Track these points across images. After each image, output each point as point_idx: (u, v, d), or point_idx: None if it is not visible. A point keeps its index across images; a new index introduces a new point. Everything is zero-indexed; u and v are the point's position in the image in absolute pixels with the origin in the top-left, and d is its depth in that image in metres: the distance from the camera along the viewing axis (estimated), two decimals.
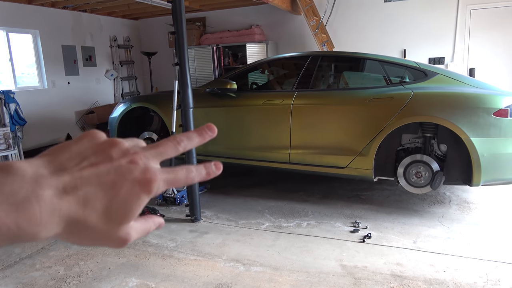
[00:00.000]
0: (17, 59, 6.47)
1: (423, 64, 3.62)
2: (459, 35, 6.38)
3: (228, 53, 7.71)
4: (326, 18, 6.98)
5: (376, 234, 2.99)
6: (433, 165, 3.22)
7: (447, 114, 3.08)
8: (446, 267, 2.47)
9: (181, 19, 3.13)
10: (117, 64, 8.43)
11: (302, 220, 3.33)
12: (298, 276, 2.43)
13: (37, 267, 2.65)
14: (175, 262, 2.66)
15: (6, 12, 6.12)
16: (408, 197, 3.77)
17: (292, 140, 3.66)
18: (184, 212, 3.51)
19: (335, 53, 4.71)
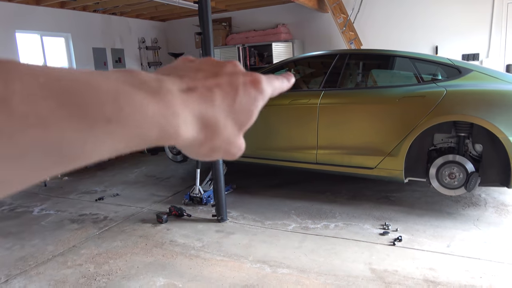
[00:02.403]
0: (50, 62, 6.70)
1: (456, 60, 3.48)
2: (495, 30, 6.11)
3: (254, 52, 7.71)
4: (354, 15, 6.85)
5: (407, 237, 2.89)
6: (468, 166, 3.08)
7: (482, 113, 2.94)
8: (483, 273, 2.35)
9: (207, 20, 3.14)
10: (145, 65, 8.59)
11: (330, 221, 3.27)
12: (326, 279, 2.38)
13: (69, 265, 2.72)
14: (202, 262, 2.67)
15: (40, 17, 6.35)
16: (441, 199, 3.63)
17: (319, 140, 3.60)
18: (211, 212, 3.52)
19: (363, 51, 4.61)
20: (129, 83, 0.24)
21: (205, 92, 0.28)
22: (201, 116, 0.27)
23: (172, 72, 0.30)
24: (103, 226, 3.40)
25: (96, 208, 3.87)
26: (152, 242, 3.02)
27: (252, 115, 0.31)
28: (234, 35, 7.82)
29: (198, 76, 0.29)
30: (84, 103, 0.21)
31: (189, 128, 0.27)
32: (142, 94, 0.24)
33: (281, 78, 0.36)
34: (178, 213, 3.46)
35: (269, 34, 7.45)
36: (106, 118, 0.22)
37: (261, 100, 0.32)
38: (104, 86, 0.23)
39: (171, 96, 0.25)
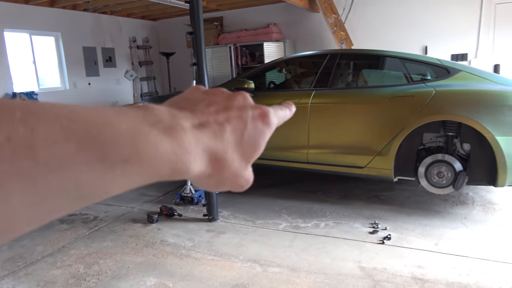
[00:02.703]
0: (40, 61, 6.63)
1: (445, 61, 3.52)
2: (483, 31, 6.19)
3: (245, 52, 7.71)
4: (345, 15, 6.89)
5: (396, 235, 2.92)
6: (456, 165, 3.12)
7: (470, 112, 2.99)
8: (470, 271, 2.39)
9: (198, 19, 3.14)
10: (136, 65, 8.55)
11: (320, 220, 3.29)
12: (316, 277, 2.40)
13: (58, 265, 2.70)
14: (193, 261, 2.67)
15: (29, 15, 6.28)
16: (430, 197, 3.68)
17: (310, 140, 3.62)
18: (202, 211, 3.52)
19: (354, 51, 4.64)
20: (146, 122, 0.25)
21: (216, 127, 0.29)
22: (210, 151, 0.28)
23: (185, 104, 0.30)
24: (93, 226, 3.38)
25: (86, 208, 3.85)
26: (142, 242, 3.01)
27: (259, 147, 0.32)
28: (226, 34, 7.82)
29: (210, 110, 0.30)
30: (103, 145, 0.22)
31: (198, 164, 0.27)
32: (157, 132, 0.25)
33: (284, 108, 0.38)
34: (169, 213, 3.46)
35: (261, 33, 7.46)
36: (124, 159, 0.23)
37: (268, 132, 0.33)
38: (123, 126, 0.23)
39: (184, 133, 0.26)
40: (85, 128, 0.22)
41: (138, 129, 0.24)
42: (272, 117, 0.33)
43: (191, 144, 0.27)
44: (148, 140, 0.24)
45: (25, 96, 5.86)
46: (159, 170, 0.25)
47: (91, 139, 0.22)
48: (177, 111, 0.28)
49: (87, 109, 0.23)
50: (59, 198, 0.21)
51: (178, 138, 0.26)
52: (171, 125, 0.26)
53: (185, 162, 0.26)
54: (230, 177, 0.30)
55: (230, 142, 0.30)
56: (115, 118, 0.23)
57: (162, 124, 0.25)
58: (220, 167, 0.29)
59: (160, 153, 0.24)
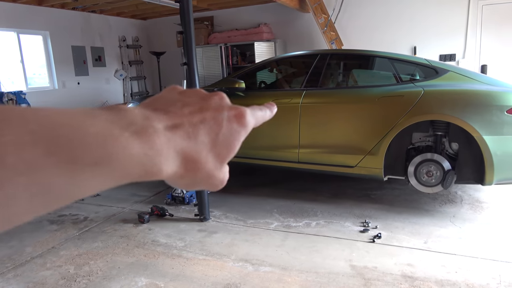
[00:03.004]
0: (28, 60, 6.54)
1: (433, 61, 3.57)
2: (470, 32, 6.28)
3: (236, 52, 7.71)
4: (335, 15, 6.93)
5: (386, 234, 2.95)
6: (445, 164, 3.17)
7: (458, 112, 3.03)
8: (458, 268, 2.43)
9: (189, 19, 3.13)
10: (126, 64, 8.48)
11: (311, 219, 3.30)
12: (307, 276, 2.41)
13: (48, 266, 2.67)
14: (184, 261, 2.66)
15: (17, 13, 6.20)
16: (419, 196, 3.72)
17: (301, 139, 3.63)
18: (193, 211, 3.51)
19: (344, 51, 4.67)
20: (117, 124, 0.25)
21: (190, 128, 0.29)
22: (183, 152, 0.29)
23: (160, 105, 0.31)
24: (83, 226, 3.35)
25: (76, 209, 3.81)
26: (133, 242, 2.99)
27: (234, 148, 0.32)
28: (216, 34, 7.81)
29: (184, 111, 0.30)
30: (72, 148, 0.22)
31: (171, 165, 0.28)
32: (128, 135, 0.25)
33: (264, 109, 0.38)
34: (160, 213, 3.44)
35: (251, 33, 7.47)
36: (93, 162, 0.23)
37: (243, 133, 0.33)
38: (92, 130, 0.23)
39: (156, 135, 0.27)
40: (53, 131, 0.22)
41: (109, 131, 0.24)
42: (248, 118, 0.33)
43: (163, 146, 0.27)
44: (118, 142, 0.24)
45: (13, 96, 5.78)
46: (129, 172, 0.25)
47: (60, 143, 0.22)
48: (151, 113, 0.28)
49: (57, 112, 0.23)
50: (27, 201, 0.21)
51: (149, 140, 0.26)
52: (143, 127, 0.26)
53: (156, 164, 0.26)
54: (204, 178, 0.31)
55: (204, 143, 0.30)
56: (85, 121, 0.24)
57: (133, 126, 0.26)
58: (193, 168, 0.30)
59: (131, 156, 0.25)
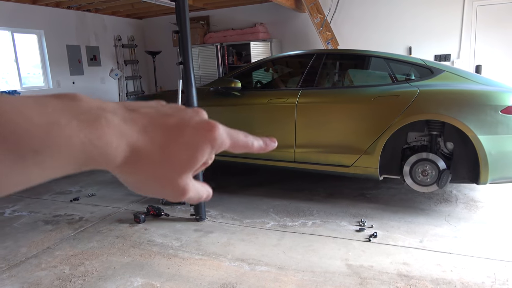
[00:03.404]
0: (22, 60, 6.50)
1: (429, 61, 3.59)
2: (465, 32, 6.32)
3: (232, 51, 7.70)
4: (331, 15, 6.95)
5: (382, 233, 2.96)
6: (440, 164, 3.18)
7: (453, 112, 3.05)
8: (453, 267, 2.44)
9: (184, 18, 3.12)
10: (121, 64, 8.45)
11: (307, 219, 3.31)
12: (304, 275, 2.42)
13: (43, 267, 2.66)
14: (180, 261, 2.66)
15: (11, 12, 6.15)
16: (414, 195, 3.74)
17: (297, 139, 3.64)
18: (189, 211, 3.50)
19: (339, 51, 4.68)
20: (66, 113, 0.25)
21: (149, 127, 0.29)
22: (136, 146, 0.28)
23: (135, 105, 0.30)
24: (78, 227, 3.33)
25: (71, 209, 3.79)
26: (129, 242, 2.98)
27: (193, 158, 0.31)
28: (212, 33, 7.80)
29: (151, 113, 0.30)
30: (13, 136, 0.22)
31: (119, 157, 0.27)
32: (76, 123, 0.25)
33: (249, 137, 0.36)
34: (156, 213, 3.43)
35: (247, 33, 7.46)
36: (33, 150, 0.23)
37: (207, 148, 0.31)
38: (36, 118, 0.23)
39: (107, 125, 0.26)
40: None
41: (54, 120, 0.24)
42: (217, 135, 0.31)
43: (114, 137, 0.27)
44: (63, 131, 0.24)
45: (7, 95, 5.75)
46: (74, 161, 0.25)
47: (1, 131, 0.22)
48: (109, 105, 0.28)
49: (4, 100, 0.23)
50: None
51: (99, 129, 0.26)
52: (95, 117, 0.26)
53: (103, 154, 0.26)
54: (155, 180, 0.30)
55: (159, 144, 0.29)
56: (32, 108, 0.24)
57: (85, 115, 0.26)
58: (143, 165, 0.29)
59: (75, 145, 0.25)
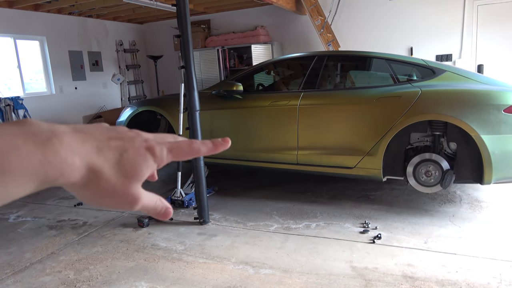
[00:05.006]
0: (25, 66, 6.53)
1: (430, 61, 3.58)
2: (466, 32, 6.31)
3: (233, 55, 7.72)
4: (331, 17, 6.95)
5: (386, 234, 2.95)
6: (443, 164, 3.17)
7: (456, 112, 3.04)
8: (459, 268, 2.43)
9: (186, 22, 3.13)
10: (123, 68, 8.48)
11: (311, 221, 3.30)
12: (308, 278, 2.41)
13: (47, 272, 2.66)
14: (184, 265, 2.66)
15: (13, 19, 6.19)
16: (418, 196, 3.73)
17: (300, 141, 3.64)
18: (192, 215, 3.50)
19: (341, 53, 4.68)
20: (22, 136, 0.28)
21: (98, 144, 0.33)
22: (88, 162, 0.32)
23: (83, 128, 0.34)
24: (82, 231, 3.34)
25: (75, 214, 3.80)
26: (133, 246, 2.99)
27: (139, 167, 0.35)
28: (214, 37, 7.82)
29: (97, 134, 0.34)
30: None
31: (75, 171, 0.31)
32: (32, 145, 0.28)
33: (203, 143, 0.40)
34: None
35: (248, 36, 7.48)
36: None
37: (152, 160, 0.36)
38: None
39: (60, 145, 0.30)
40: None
41: (11, 143, 0.27)
42: (157, 149, 0.36)
43: (68, 155, 0.30)
44: (20, 152, 0.27)
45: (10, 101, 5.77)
46: (35, 178, 0.28)
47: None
48: (59, 127, 0.31)
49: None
50: None
51: (53, 149, 0.29)
52: (48, 138, 0.29)
53: (59, 170, 0.29)
54: (110, 192, 0.34)
55: (108, 158, 0.33)
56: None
57: (38, 137, 0.29)
58: (96, 178, 0.32)
59: (33, 163, 0.28)
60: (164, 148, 0.37)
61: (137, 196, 0.36)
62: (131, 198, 0.35)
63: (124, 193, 0.34)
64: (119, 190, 0.34)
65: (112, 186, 0.33)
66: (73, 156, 0.30)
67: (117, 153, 0.34)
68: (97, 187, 0.33)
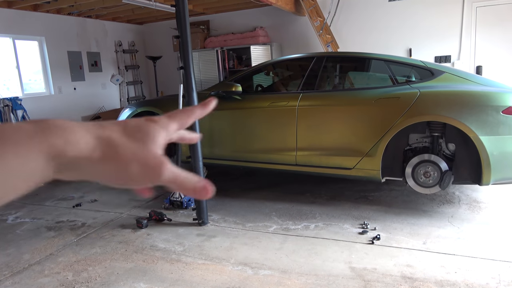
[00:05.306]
0: (24, 66, 6.52)
1: (429, 62, 3.59)
2: (465, 33, 6.32)
3: (232, 55, 7.72)
4: (330, 18, 6.96)
5: (385, 235, 2.96)
6: (442, 165, 3.18)
7: (454, 113, 3.05)
8: (458, 268, 2.43)
9: (185, 23, 3.14)
10: (122, 69, 8.47)
11: (310, 222, 3.30)
12: (307, 279, 2.41)
13: (46, 273, 2.66)
14: (183, 266, 2.65)
15: (12, 19, 6.18)
16: (417, 197, 3.73)
17: (298, 142, 3.64)
18: (191, 215, 3.50)
19: (340, 54, 4.68)
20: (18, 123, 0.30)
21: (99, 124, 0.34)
22: (98, 135, 0.33)
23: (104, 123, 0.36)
24: (81, 233, 3.34)
25: (74, 215, 3.80)
26: (132, 247, 2.98)
27: (148, 131, 0.35)
28: (213, 38, 7.82)
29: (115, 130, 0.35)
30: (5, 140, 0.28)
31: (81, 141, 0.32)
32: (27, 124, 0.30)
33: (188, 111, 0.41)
34: (158, 218, 3.43)
35: (247, 37, 7.48)
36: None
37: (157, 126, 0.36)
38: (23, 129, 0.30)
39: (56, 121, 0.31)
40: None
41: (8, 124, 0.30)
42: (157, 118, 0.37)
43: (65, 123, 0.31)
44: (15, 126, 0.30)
45: (8, 102, 5.76)
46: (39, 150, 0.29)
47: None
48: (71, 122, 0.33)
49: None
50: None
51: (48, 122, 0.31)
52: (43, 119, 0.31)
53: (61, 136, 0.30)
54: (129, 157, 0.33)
55: (114, 130, 0.34)
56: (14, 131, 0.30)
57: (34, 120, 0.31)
58: (110, 146, 0.33)
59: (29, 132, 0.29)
60: (161, 116, 0.38)
61: (160, 158, 0.34)
62: (156, 160, 0.34)
63: (145, 154, 0.33)
64: (139, 152, 0.33)
65: (129, 149, 0.33)
66: (72, 125, 0.31)
67: (119, 125, 0.35)
68: (116, 155, 0.32)
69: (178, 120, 0.39)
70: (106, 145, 0.32)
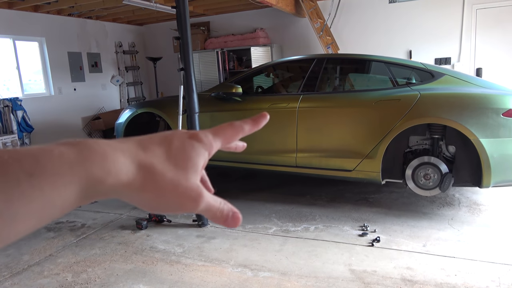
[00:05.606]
0: (24, 67, 6.52)
1: (429, 65, 3.59)
2: (465, 35, 6.33)
3: (233, 57, 7.72)
4: (331, 20, 6.97)
5: (385, 237, 2.95)
6: (442, 167, 3.18)
7: (455, 115, 3.04)
8: (457, 271, 2.43)
9: (185, 24, 3.14)
10: (122, 70, 8.47)
11: (310, 224, 3.30)
12: (307, 281, 2.41)
13: (45, 274, 2.65)
14: (183, 268, 2.65)
15: (12, 20, 6.18)
16: (417, 199, 3.73)
17: (299, 144, 3.64)
18: (191, 217, 3.50)
19: (340, 55, 4.69)
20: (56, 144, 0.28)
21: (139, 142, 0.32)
22: (138, 160, 0.31)
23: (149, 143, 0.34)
24: (80, 233, 3.33)
25: (73, 216, 3.79)
26: (131, 249, 2.98)
27: (190, 157, 0.34)
28: (213, 39, 7.82)
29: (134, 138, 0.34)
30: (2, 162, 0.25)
31: (123, 169, 0.30)
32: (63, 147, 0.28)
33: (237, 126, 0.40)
34: (158, 219, 3.43)
35: (248, 38, 7.48)
36: (27, 173, 0.25)
37: (200, 147, 0.35)
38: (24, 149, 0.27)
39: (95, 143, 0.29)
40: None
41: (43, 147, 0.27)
42: (201, 135, 0.36)
43: (106, 150, 0.29)
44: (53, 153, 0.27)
45: (9, 102, 5.76)
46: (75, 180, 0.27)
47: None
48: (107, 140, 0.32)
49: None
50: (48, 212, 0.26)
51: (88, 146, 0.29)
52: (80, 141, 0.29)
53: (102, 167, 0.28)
54: (169, 188, 0.32)
55: (156, 153, 0.32)
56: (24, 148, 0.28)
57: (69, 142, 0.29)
58: (151, 174, 0.31)
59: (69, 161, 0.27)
60: (207, 133, 0.36)
61: (200, 190, 0.33)
62: (194, 192, 0.33)
63: (185, 186, 0.32)
64: (179, 184, 0.32)
65: (170, 180, 0.32)
66: (114, 152, 0.29)
67: (162, 147, 0.33)
68: (155, 185, 0.31)
69: (224, 138, 0.38)
70: (147, 173, 0.31)
